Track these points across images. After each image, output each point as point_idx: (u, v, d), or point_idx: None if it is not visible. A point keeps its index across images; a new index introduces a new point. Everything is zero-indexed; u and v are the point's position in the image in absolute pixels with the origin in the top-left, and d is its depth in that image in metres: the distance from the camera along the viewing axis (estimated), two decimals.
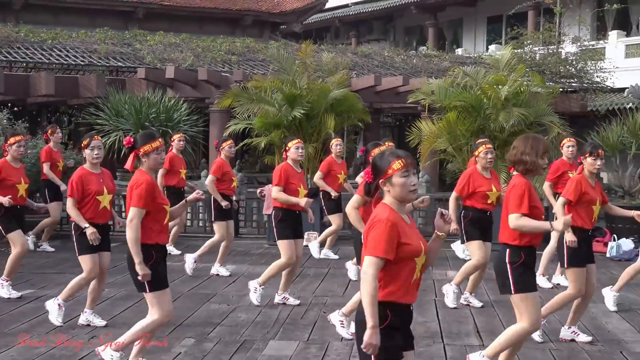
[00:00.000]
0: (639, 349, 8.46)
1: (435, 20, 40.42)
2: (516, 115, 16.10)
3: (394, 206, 4.92)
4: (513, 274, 6.75)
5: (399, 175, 4.87)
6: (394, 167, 4.87)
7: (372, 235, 4.79)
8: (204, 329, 8.97)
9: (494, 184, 10.05)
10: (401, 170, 4.87)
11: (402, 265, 4.83)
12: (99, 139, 8.95)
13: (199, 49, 25.21)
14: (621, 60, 30.06)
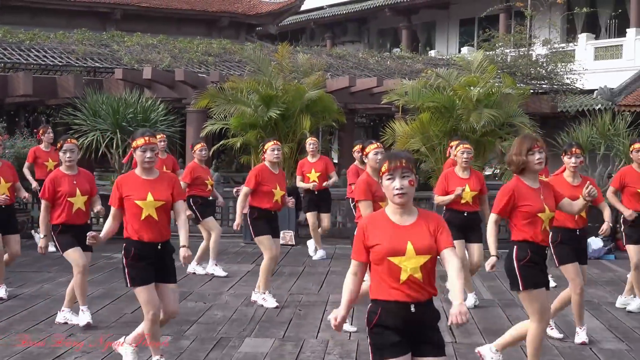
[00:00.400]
0: (608, 346, 8.63)
1: (409, 23, 40.64)
2: (486, 117, 16.33)
3: (390, 208, 5.02)
4: (520, 271, 6.86)
5: (384, 178, 4.93)
6: (382, 169, 4.95)
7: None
8: (181, 327, 9.05)
9: (470, 183, 10.15)
10: (386, 174, 4.92)
11: (381, 266, 4.90)
12: (73, 141, 8.95)
13: (176, 50, 25.31)
14: (590, 62, 30.45)
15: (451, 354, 8.13)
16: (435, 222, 4.98)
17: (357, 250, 4.99)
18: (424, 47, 41.03)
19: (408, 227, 4.93)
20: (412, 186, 4.92)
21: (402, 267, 4.84)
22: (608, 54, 30.97)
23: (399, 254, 4.85)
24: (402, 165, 4.90)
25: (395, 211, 4.98)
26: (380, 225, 4.95)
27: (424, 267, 4.87)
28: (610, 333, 9.21)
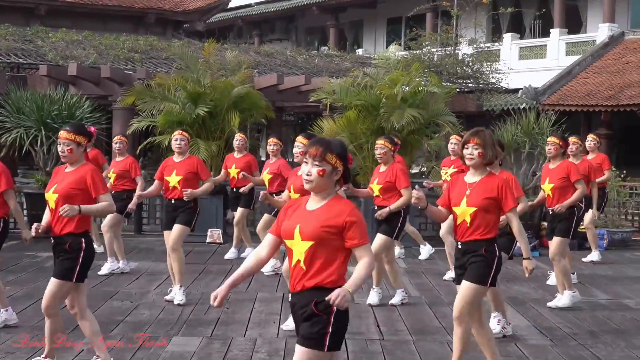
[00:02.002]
0: (532, 341, 8.77)
1: (337, 21, 40.76)
2: (407, 116, 16.48)
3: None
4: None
5: (304, 161, 4.92)
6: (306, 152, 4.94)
7: None
8: (107, 326, 8.93)
9: (380, 176, 10.18)
10: (304, 156, 4.91)
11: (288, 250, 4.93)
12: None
13: (102, 47, 25.04)
14: (515, 61, 30.88)
15: (378, 350, 8.19)
16: (340, 213, 4.84)
17: (274, 224, 5.02)
18: (351, 45, 41.21)
19: (308, 212, 4.88)
20: (321, 176, 4.82)
21: (293, 250, 4.84)
22: (532, 53, 31.44)
23: (289, 237, 4.84)
24: (316, 153, 4.83)
25: (313, 196, 4.96)
26: (294, 207, 4.98)
27: (307, 252, 4.79)
28: (535, 329, 9.35)
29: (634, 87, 24.99)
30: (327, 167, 4.83)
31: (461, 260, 6.85)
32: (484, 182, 6.81)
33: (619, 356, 8.24)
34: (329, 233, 4.79)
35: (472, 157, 6.77)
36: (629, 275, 13.56)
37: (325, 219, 4.81)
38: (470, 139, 6.78)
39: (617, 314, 10.33)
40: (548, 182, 10.27)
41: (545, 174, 10.37)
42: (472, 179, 6.86)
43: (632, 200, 19.68)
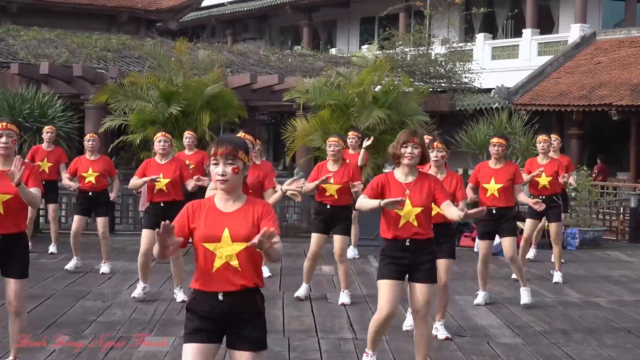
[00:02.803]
0: (504, 340, 8.81)
1: (310, 21, 40.76)
2: (374, 117, 16.53)
3: (218, 194, 4.97)
4: (378, 263, 7.02)
5: (211, 162, 4.86)
6: (210, 153, 4.89)
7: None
8: (79, 326, 8.93)
9: (335, 175, 10.16)
10: (212, 158, 4.84)
11: (198, 251, 4.86)
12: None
13: (74, 45, 24.89)
14: (488, 61, 31.00)
15: (352, 349, 8.21)
16: (260, 209, 4.91)
17: (176, 226, 4.87)
18: (325, 45, 41.24)
19: (230, 214, 4.86)
20: (236, 174, 4.83)
21: (217, 254, 4.80)
22: (505, 53, 31.58)
23: (214, 240, 4.80)
24: (227, 151, 4.81)
25: (221, 197, 4.93)
26: (204, 210, 4.90)
27: (240, 254, 4.80)
28: (507, 328, 9.40)
29: (605, 87, 25.16)
30: (239, 164, 4.85)
31: (410, 258, 6.86)
32: (420, 181, 6.89)
33: (590, 354, 8.30)
34: (257, 231, 4.79)
35: (413, 156, 6.79)
36: (601, 274, 13.65)
37: (257, 218, 4.86)
38: (410, 139, 6.78)
39: (589, 312, 10.40)
40: (494, 182, 10.26)
41: (490, 174, 10.33)
42: (407, 179, 6.89)
43: (604, 200, 19.82)
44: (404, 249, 6.84)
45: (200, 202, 4.97)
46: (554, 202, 12.43)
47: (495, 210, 10.20)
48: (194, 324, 4.86)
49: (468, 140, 19.68)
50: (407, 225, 6.81)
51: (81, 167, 12.39)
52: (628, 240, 18.33)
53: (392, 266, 6.86)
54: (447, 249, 8.66)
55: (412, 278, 6.88)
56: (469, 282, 12.16)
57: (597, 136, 28.08)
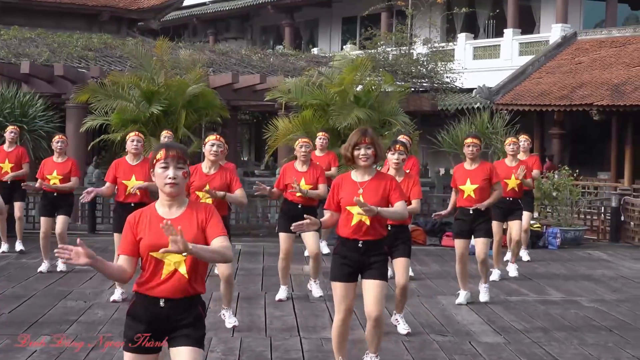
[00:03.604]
0: (486, 339, 8.83)
1: (292, 20, 40.76)
2: (352, 116, 16.53)
3: (159, 201, 4.93)
4: (331, 262, 7.00)
5: (158, 166, 4.82)
6: (157, 157, 4.84)
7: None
8: (60, 327, 8.90)
9: (306, 177, 10.18)
10: (160, 161, 4.81)
11: (145, 260, 4.83)
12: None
13: (55, 45, 24.76)
14: (469, 61, 31.08)
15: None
16: (204, 212, 4.89)
17: (124, 243, 4.87)
18: (307, 44, 41.25)
19: (174, 220, 4.79)
20: (185, 178, 4.84)
21: (165, 261, 4.78)
22: (486, 53, 31.66)
23: (162, 248, 4.69)
24: (178, 155, 4.81)
25: (164, 203, 4.90)
26: (147, 220, 4.87)
27: (188, 260, 4.78)
28: (489, 327, 9.42)
29: (586, 87, 25.27)
30: (187, 168, 4.88)
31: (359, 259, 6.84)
32: (376, 180, 6.85)
33: (572, 353, 8.33)
34: (202, 234, 4.82)
35: (367, 157, 6.75)
36: (582, 273, 13.70)
37: (201, 221, 4.85)
38: (362, 139, 6.72)
39: (570, 311, 10.44)
40: (470, 182, 10.29)
41: (465, 175, 10.35)
42: (362, 178, 6.86)
43: (585, 199, 19.90)
44: (356, 249, 6.82)
45: (141, 212, 4.92)
46: (517, 205, 12.56)
47: (472, 211, 10.24)
48: (134, 332, 4.86)
49: (450, 140, 19.73)
50: (360, 224, 6.77)
51: (46, 169, 12.22)
52: (609, 239, 18.41)
53: (344, 267, 6.86)
54: (403, 249, 8.70)
55: (364, 276, 6.88)
56: (452, 281, 12.17)
57: (578, 136, 28.21)
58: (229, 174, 8.88)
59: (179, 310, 4.84)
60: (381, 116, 17.36)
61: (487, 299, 10.71)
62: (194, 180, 8.65)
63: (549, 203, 18.27)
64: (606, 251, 16.51)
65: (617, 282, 12.91)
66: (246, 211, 17.65)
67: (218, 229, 4.86)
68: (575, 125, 27.70)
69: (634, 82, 24.44)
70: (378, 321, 6.93)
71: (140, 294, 4.85)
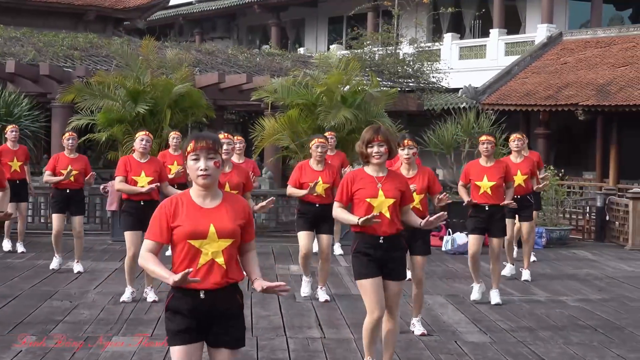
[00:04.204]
0: (472, 339, 8.87)
1: (278, 20, 40.73)
2: (339, 117, 16.55)
3: (194, 190, 4.92)
4: (352, 261, 6.92)
5: (190, 158, 4.84)
6: (187, 149, 4.87)
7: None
8: (46, 326, 8.90)
9: (324, 176, 10.22)
10: (191, 153, 4.83)
11: (180, 249, 4.82)
12: None
13: (41, 44, 24.68)
14: (455, 61, 31.12)
15: (320, 349, 8.22)
16: (242, 209, 4.94)
17: (156, 230, 4.85)
18: (293, 44, 41.22)
19: (212, 210, 4.85)
20: (218, 168, 4.85)
21: (202, 251, 4.79)
22: (472, 53, 31.71)
23: (201, 237, 4.78)
24: (208, 146, 4.82)
25: (199, 193, 4.90)
26: (184, 207, 4.86)
27: (226, 251, 4.82)
28: (474, 326, 9.45)
29: (571, 87, 25.34)
30: (219, 158, 4.88)
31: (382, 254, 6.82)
32: (391, 176, 6.89)
33: (557, 353, 8.36)
34: (241, 228, 4.87)
35: (381, 154, 6.77)
36: (567, 272, 13.76)
37: (236, 214, 4.88)
38: (374, 137, 6.74)
39: (555, 311, 10.48)
40: (487, 179, 10.35)
41: (482, 172, 10.41)
42: (378, 173, 6.86)
43: (570, 199, 19.97)
44: (378, 246, 6.79)
45: (177, 199, 4.92)
46: (527, 202, 12.53)
47: (488, 207, 10.30)
48: (177, 325, 4.83)
49: (436, 140, 19.73)
50: (380, 216, 6.72)
51: (60, 164, 12.21)
52: (594, 239, 18.49)
53: (370, 263, 6.80)
54: (422, 245, 8.71)
55: (386, 272, 6.84)
56: (437, 281, 12.22)
57: (564, 136, 28.27)
58: (245, 174, 9.10)
59: (219, 301, 4.83)
60: (368, 117, 17.37)
61: (499, 301, 10.66)
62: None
63: None
64: (591, 251, 16.58)
65: (602, 281, 12.97)
66: None
67: (252, 233, 4.99)
68: (561, 125, 27.76)
69: (619, 82, 24.52)
70: (395, 319, 6.98)
71: (179, 288, 4.79)
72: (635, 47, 26.74)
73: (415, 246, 8.66)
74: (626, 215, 17.48)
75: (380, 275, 6.81)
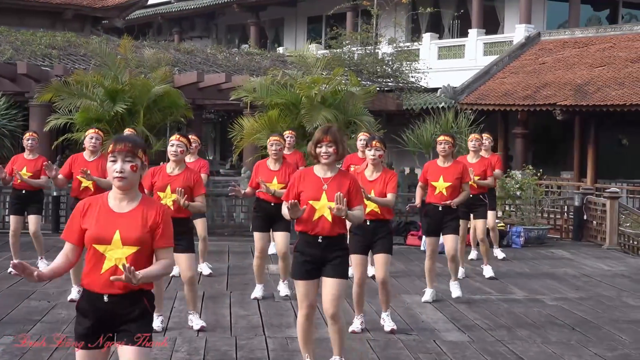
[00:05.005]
0: (450, 338, 8.90)
1: (257, 19, 40.71)
2: (320, 117, 16.57)
3: (112, 192, 4.91)
4: (292, 259, 7.03)
5: (109, 159, 4.83)
6: (108, 150, 4.88)
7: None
8: (24, 326, 8.85)
9: (277, 175, 10.18)
10: (109, 155, 4.82)
11: (88, 251, 4.82)
12: None
13: (18, 42, 24.58)
14: (434, 61, 31.19)
15: (298, 349, 8.17)
16: (155, 213, 4.88)
17: (67, 230, 4.87)
18: (272, 43, 41.19)
19: (122, 215, 4.83)
20: (134, 172, 4.82)
21: (106, 256, 4.77)
22: (451, 53, 31.79)
23: (105, 242, 4.76)
24: (126, 149, 4.79)
25: (116, 196, 4.88)
26: (95, 210, 4.85)
27: (130, 258, 4.76)
28: (453, 325, 9.48)
29: (549, 87, 25.45)
30: (138, 162, 4.85)
31: (320, 255, 6.87)
32: (339, 178, 6.91)
33: (534, 352, 8.40)
34: (150, 235, 4.83)
35: (329, 155, 6.81)
36: (545, 271, 13.82)
37: (146, 220, 4.84)
38: (323, 138, 6.78)
39: (533, 310, 10.53)
40: (443, 180, 10.35)
41: (438, 172, 10.40)
42: (325, 174, 6.90)
43: (548, 199, 20.05)
44: (316, 245, 6.85)
45: (92, 201, 4.91)
46: (480, 201, 12.64)
47: (441, 208, 10.31)
48: (83, 327, 4.84)
49: (415, 140, 19.82)
50: (321, 219, 6.81)
51: (18, 165, 12.00)
52: (572, 238, 18.56)
53: (306, 264, 6.87)
54: (384, 244, 8.76)
55: (323, 273, 6.91)
56: (416, 280, 12.23)
57: (542, 136, 28.41)
58: (194, 176, 8.68)
59: (123, 306, 4.80)
60: (347, 117, 17.40)
61: (460, 294, 10.75)
62: (156, 180, 8.59)
63: (513, 202, 18.41)
64: (569, 250, 16.65)
65: (580, 280, 13.03)
66: (211, 210, 17.61)
67: (167, 239, 4.89)
68: (539, 125, 27.88)
69: (597, 83, 24.66)
70: (335, 318, 6.95)
71: (87, 290, 4.84)
72: (613, 47, 26.90)
73: (377, 245, 8.76)
74: (603, 214, 17.57)
75: (315, 277, 6.91)
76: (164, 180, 8.55)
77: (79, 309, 4.87)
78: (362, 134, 12.64)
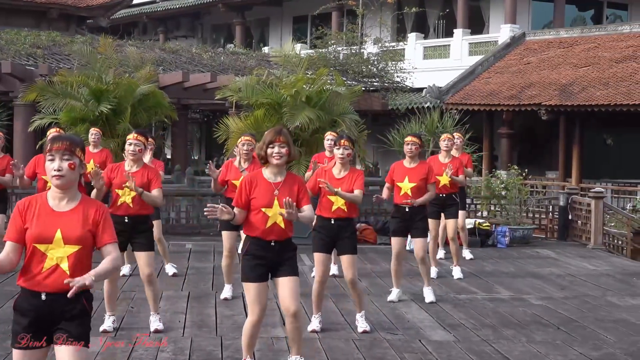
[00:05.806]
0: (436, 337, 8.90)
1: (243, 19, 40.70)
2: (302, 117, 16.56)
3: (51, 191, 4.89)
4: (242, 262, 6.96)
5: (47, 158, 4.81)
6: (46, 148, 4.84)
7: None
8: (9, 327, 8.78)
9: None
10: (47, 153, 4.81)
11: (28, 250, 4.80)
12: None
13: (2, 42, 24.50)
14: (420, 61, 31.26)
15: (284, 348, 8.20)
16: (95, 211, 4.87)
17: (11, 230, 4.82)
18: (257, 43, 41.21)
19: (63, 214, 4.82)
20: (72, 170, 4.80)
21: (47, 255, 4.75)
22: (436, 53, 31.86)
23: (47, 241, 4.75)
24: (63, 147, 4.77)
25: (55, 195, 4.86)
26: (36, 209, 4.82)
27: (71, 257, 4.76)
28: (438, 325, 9.48)
29: (534, 87, 25.53)
30: (76, 160, 4.83)
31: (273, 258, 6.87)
32: (288, 181, 6.90)
33: (520, 351, 8.41)
34: (91, 233, 4.82)
35: (281, 156, 6.79)
36: (530, 271, 13.84)
37: (92, 221, 4.83)
38: (276, 138, 6.76)
39: (519, 309, 10.54)
40: (408, 180, 10.35)
41: (404, 172, 10.39)
42: (276, 179, 6.89)
43: (533, 198, 20.10)
44: (270, 249, 6.85)
45: (31, 200, 4.88)
46: (452, 201, 12.79)
47: (408, 209, 10.31)
48: (21, 327, 4.81)
49: (400, 139, 19.79)
50: (274, 226, 6.80)
51: None
52: (557, 238, 18.61)
53: (258, 268, 6.85)
54: (349, 244, 8.77)
55: (276, 274, 6.90)
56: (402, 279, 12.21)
57: (527, 135, 28.50)
58: (150, 173, 8.68)
59: (61, 304, 4.78)
60: (331, 116, 17.39)
61: (433, 299, 10.75)
62: (115, 177, 8.58)
63: (498, 202, 18.45)
64: (554, 249, 16.69)
65: (565, 279, 13.06)
66: (196, 210, 17.59)
67: (109, 235, 4.88)
68: (524, 125, 27.98)
69: (581, 83, 24.75)
70: (296, 316, 6.93)
71: (24, 288, 4.82)
72: (597, 47, 27.01)
73: (341, 245, 8.78)
74: (588, 214, 17.63)
75: (266, 279, 6.91)
76: (122, 178, 8.53)
77: (16, 308, 4.84)
78: (330, 134, 12.64)
